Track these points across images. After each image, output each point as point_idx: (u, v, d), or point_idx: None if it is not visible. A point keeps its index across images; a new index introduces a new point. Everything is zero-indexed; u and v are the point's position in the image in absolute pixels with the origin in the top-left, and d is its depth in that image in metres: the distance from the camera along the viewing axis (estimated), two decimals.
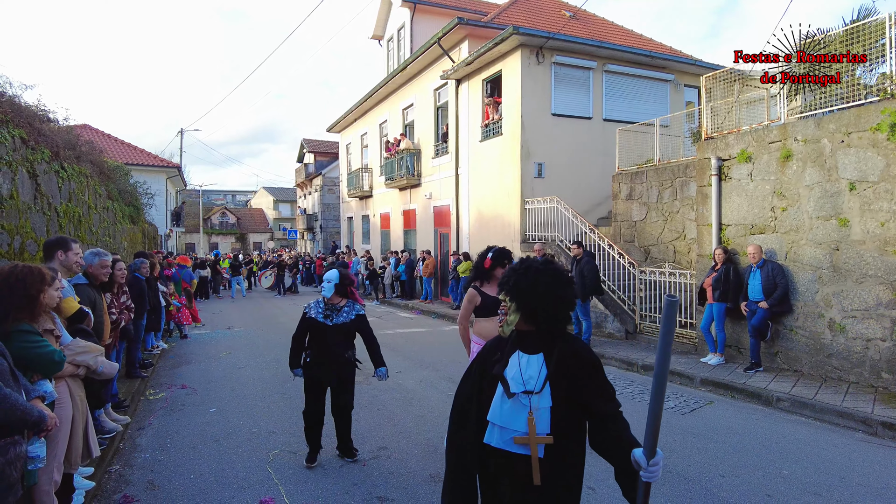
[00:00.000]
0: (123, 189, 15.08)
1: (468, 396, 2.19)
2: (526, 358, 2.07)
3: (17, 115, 6.30)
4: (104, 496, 4.16)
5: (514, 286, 2.09)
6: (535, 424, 1.97)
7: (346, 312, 4.57)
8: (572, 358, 2.05)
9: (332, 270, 4.64)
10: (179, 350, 10.13)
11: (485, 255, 4.67)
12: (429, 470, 4.54)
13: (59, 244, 4.08)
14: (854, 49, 7.09)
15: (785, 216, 7.48)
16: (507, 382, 2.03)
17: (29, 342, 2.61)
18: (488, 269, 4.61)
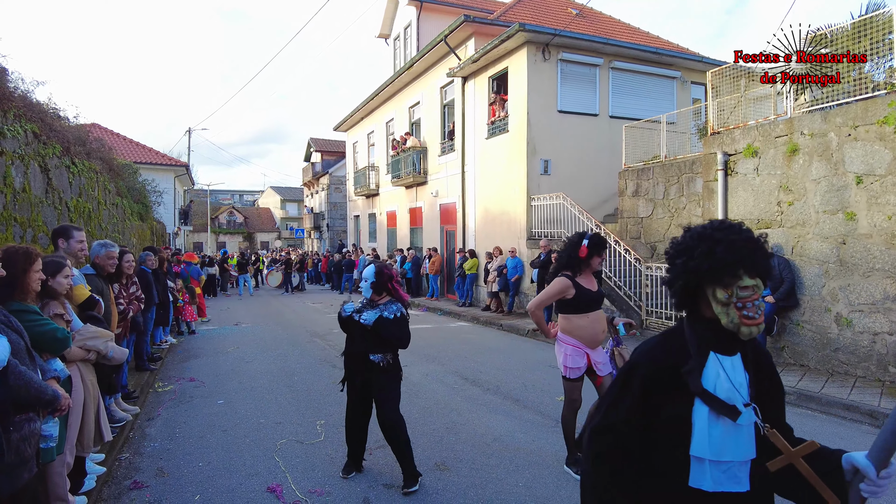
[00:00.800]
0: (132, 186, 15.22)
1: (630, 430, 1.59)
2: (729, 361, 1.56)
3: (30, 110, 6.39)
4: (115, 482, 4.22)
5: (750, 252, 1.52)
6: (782, 440, 1.51)
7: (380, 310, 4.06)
8: (760, 354, 1.64)
9: (369, 266, 4.18)
10: (187, 345, 10.22)
11: (578, 241, 4.14)
12: (434, 459, 4.58)
13: (61, 233, 4.15)
14: (862, 43, 7.09)
15: (791, 210, 7.47)
16: (716, 399, 1.50)
17: (30, 321, 2.66)
18: (585, 257, 4.09)
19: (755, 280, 1.52)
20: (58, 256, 3.53)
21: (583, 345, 4.15)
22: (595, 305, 4.18)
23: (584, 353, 4.15)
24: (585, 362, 4.16)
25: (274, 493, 3.98)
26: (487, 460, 4.55)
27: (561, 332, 4.26)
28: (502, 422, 5.57)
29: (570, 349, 4.15)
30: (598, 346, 4.22)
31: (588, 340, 4.15)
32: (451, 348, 9.57)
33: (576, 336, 4.14)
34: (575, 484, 4.08)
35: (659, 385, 1.56)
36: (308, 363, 8.41)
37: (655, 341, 1.66)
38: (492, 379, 7.35)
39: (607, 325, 4.33)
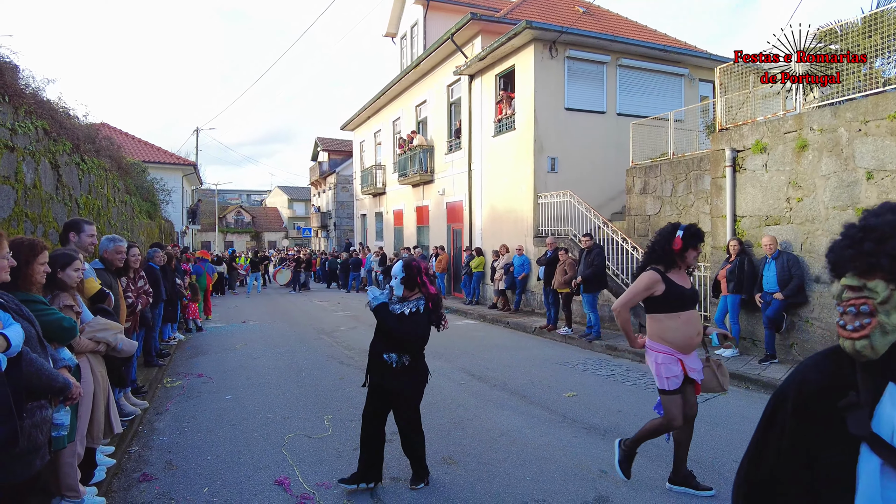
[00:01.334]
0: (141, 185, 15.31)
1: (787, 485, 1.23)
2: None
3: (40, 107, 6.44)
4: (124, 474, 4.26)
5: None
6: None
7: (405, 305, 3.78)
8: None
9: (397, 262, 3.88)
10: (195, 342, 10.27)
11: (672, 232, 3.68)
12: (441, 453, 4.58)
13: (71, 226, 4.18)
14: (873, 39, 7.03)
15: (800, 207, 7.41)
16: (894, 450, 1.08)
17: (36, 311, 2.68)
18: (679, 250, 3.65)
19: (861, 280, 1.18)
20: (69, 249, 3.57)
21: (674, 350, 3.68)
22: (688, 304, 3.72)
23: (678, 360, 3.68)
24: (681, 370, 3.68)
25: (282, 485, 3.99)
26: (495, 455, 4.55)
27: (649, 337, 3.78)
28: (509, 417, 5.57)
29: (662, 356, 3.68)
30: (692, 350, 3.75)
31: (681, 344, 3.67)
32: (458, 345, 9.57)
33: (666, 340, 3.66)
34: (583, 478, 4.08)
35: (812, 419, 1.18)
36: (316, 360, 8.44)
37: (814, 359, 1.26)
38: (498, 375, 7.34)
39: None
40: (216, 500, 3.80)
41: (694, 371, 3.75)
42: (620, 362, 8.23)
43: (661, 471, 4.20)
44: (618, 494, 3.81)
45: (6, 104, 5.17)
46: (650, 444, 4.80)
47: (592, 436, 5.01)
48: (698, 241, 3.67)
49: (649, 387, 6.77)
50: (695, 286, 3.88)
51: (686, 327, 3.67)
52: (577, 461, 4.41)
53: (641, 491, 3.87)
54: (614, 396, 6.34)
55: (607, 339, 9.43)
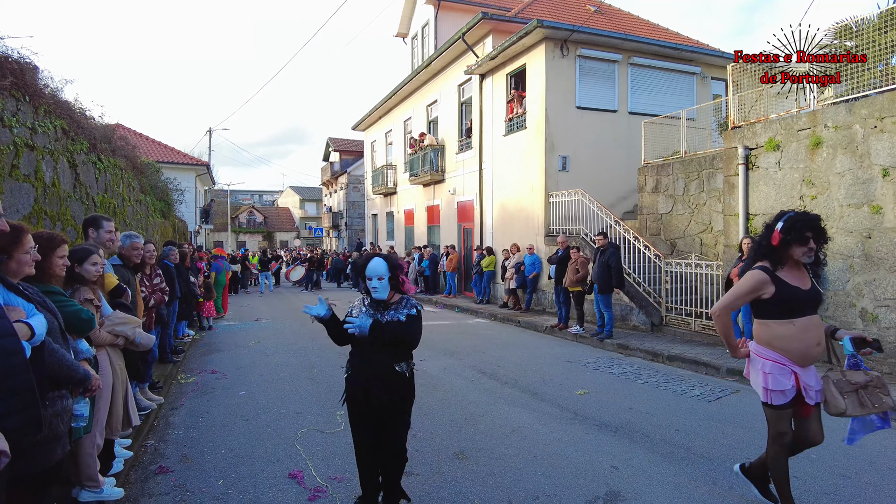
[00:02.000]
0: (155, 185, 15.49)
1: None
2: None
3: (59, 107, 6.55)
4: (141, 467, 4.32)
5: None
6: None
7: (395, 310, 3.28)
8: None
9: (375, 260, 3.25)
10: (209, 339, 10.38)
11: (773, 223, 3.18)
12: (453, 448, 4.61)
13: (91, 222, 4.26)
14: (890, 35, 6.96)
15: (814, 204, 7.36)
16: None
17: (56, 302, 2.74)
18: (778, 246, 3.12)
19: None
20: (87, 244, 3.64)
21: (788, 360, 3.14)
22: (807, 308, 3.15)
23: (791, 372, 3.14)
24: (793, 383, 3.14)
25: (295, 478, 4.04)
26: (506, 450, 4.56)
27: (756, 343, 3.28)
28: (520, 414, 5.58)
29: (770, 364, 3.17)
30: (811, 362, 3.18)
31: (796, 354, 3.12)
32: (469, 344, 9.60)
33: (777, 348, 3.15)
34: (595, 473, 4.09)
35: None
36: (328, 357, 8.50)
37: None
38: (509, 373, 7.36)
39: (825, 337, 3.26)
40: (231, 492, 3.85)
41: (809, 389, 3.15)
42: (632, 361, 8.21)
43: (672, 467, 4.21)
44: (629, 490, 3.82)
45: (27, 104, 5.27)
46: (661, 440, 4.81)
47: (604, 433, 5.02)
48: (803, 234, 3.05)
49: (661, 385, 6.75)
50: (816, 285, 3.25)
51: (804, 335, 3.11)
52: (589, 457, 4.42)
53: (653, 486, 3.87)
54: (626, 394, 6.33)
55: (618, 337, 9.41)
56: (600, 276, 9.32)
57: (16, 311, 2.16)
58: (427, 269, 18.03)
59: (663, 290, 10.28)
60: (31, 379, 1.97)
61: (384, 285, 3.21)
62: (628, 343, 8.94)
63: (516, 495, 3.74)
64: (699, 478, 4.02)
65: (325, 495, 3.77)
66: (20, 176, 5.05)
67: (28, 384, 1.96)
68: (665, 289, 10.25)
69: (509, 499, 3.69)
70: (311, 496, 3.76)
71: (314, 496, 3.76)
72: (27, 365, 1.98)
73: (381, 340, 3.16)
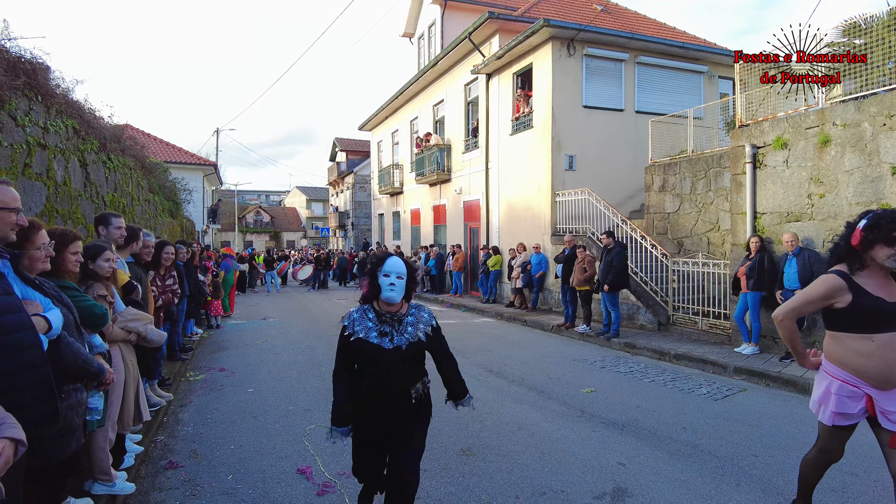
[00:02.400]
0: (163, 184, 15.60)
1: None
2: None
3: (70, 107, 6.63)
4: (151, 462, 4.37)
5: None
6: None
7: (411, 324, 2.86)
8: None
9: (392, 259, 2.85)
10: (217, 338, 10.45)
11: (855, 222, 2.80)
12: (460, 444, 4.63)
13: (100, 220, 4.32)
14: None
15: (822, 203, 7.33)
16: None
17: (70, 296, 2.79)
18: (859, 247, 2.76)
19: None
20: (100, 241, 3.69)
21: (862, 381, 2.78)
22: (891, 322, 2.73)
23: (864, 395, 2.78)
24: (863, 407, 2.79)
25: (304, 474, 4.08)
26: (513, 447, 4.58)
27: (827, 358, 2.94)
28: (527, 411, 5.60)
29: (839, 385, 2.83)
30: (893, 385, 2.75)
31: (874, 376, 2.74)
32: (476, 342, 9.62)
33: (850, 367, 2.78)
34: (602, 470, 4.10)
35: None
36: (335, 355, 8.53)
37: None
38: (516, 371, 7.37)
39: None
40: (240, 486, 3.89)
41: (890, 415, 2.75)
42: (639, 360, 8.21)
43: (679, 464, 4.21)
44: (636, 486, 3.83)
45: (39, 104, 5.34)
46: (668, 437, 4.81)
47: (611, 430, 5.02)
48: (889, 234, 2.65)
49: (668, 384, 6.75)
50: None
51: (883, 353, 2.71)
52: (596, 454, 4.43)
53: (660, 483, 3.88)
54: (632, 392, 6.34)
55: (625, 336, 9.40)
56: (606, 274, 9.31)
57: (33, 304, 2.20)
58: (434, 269, 18.06)
59: (670, 289, 10.26)
60: (48, 371, 2.01)
61: (401, 287, 2.80)
62: (635, 342, 8.93)
63: (524, 491, 3.76)
64: (706, 475, 4.02)
65: (333, 490, 3.80)
66: (32, 175, 5.11)
67: (45, 376, 2.00)
68: (672, 288, 10.23)
69: (517, 494, 3.71)
70: (320, 491, 3.79)
71: (322, 491, 3.79)
72: (45, 357, 2.02)
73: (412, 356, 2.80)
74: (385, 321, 2.81)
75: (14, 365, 1.91)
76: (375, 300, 2.86)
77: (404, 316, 2.86)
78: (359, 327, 2.80)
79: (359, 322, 2.82)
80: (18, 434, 1.75)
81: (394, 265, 2.81)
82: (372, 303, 2.88)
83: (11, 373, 1.91)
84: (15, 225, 2.21)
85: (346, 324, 2.83)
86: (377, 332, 2.77)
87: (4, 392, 1.85)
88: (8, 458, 1.69)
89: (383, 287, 2.77)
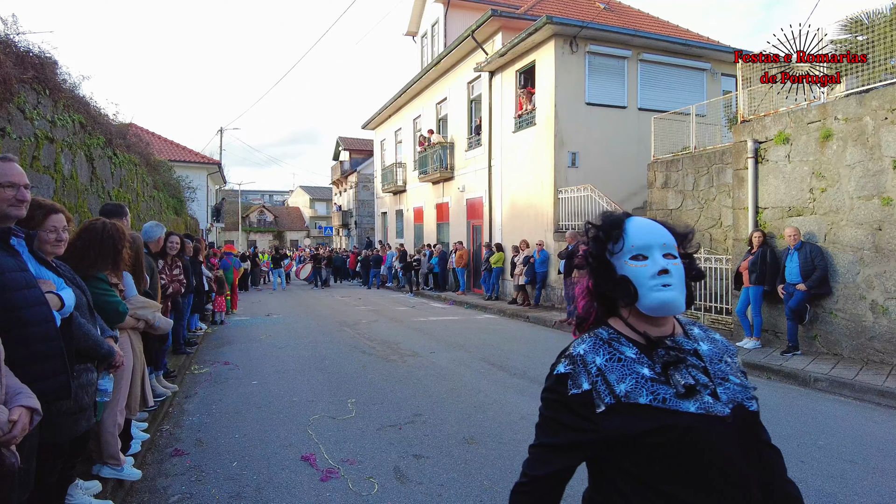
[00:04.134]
0: (167, 182, 15.68)
1: None
2: None
3: (76, 102, 6.70)
4: (157, 450, 4.43)
5: None
6: None
7: (713, 356, 1.31)
8: None
9: (637, 221, 1.35)
10: (221, 333, 10.52)
11: None
12: (463, 433, 4.68)
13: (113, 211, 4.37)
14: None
15: (824, 197, 7.35)
16: None
17: (101, 290, 2.86)
18: None
19: None
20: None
21: None
22: None
23: None
24: None
25: (308, 461, 4.13)
26: (515, 435, 4.63)
27: None
28: (529, 402, 5.63)
29: None
30: None
31: None
32: (478, 338, 9.66)
33: None
34: None
35: None
36: (338, 349, 8.60)
37: None
38: (518, 365, 7.41)
39: None
40: (245, 472, 3.94)
41: None
42: None
43: None
44: None
45: (47, 97, 5.40)
46: None
47: None
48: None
49: None
50: None
51: None
52: None
53: None
54: None
55: None
56: None
57: (46, 283, 2.26)
58: (437, 266, 18.11)
59: None
60: (61, 346, 2.06)
61: (680, 275, 1.30)
62: None
63: None
64: None
65: (337, 476, 3.85)
66: (40, 167, 5.18)
67: (58, 350, 2.05)
68: None
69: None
70: (324, 477, 3.84)
71: (326, 477, 3.84)
72: (58, 332, 2.07)
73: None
74: (672, 359, 1.26)
75: (28, 338, 1.97)
76: (615, 317, 1.37)
77: (689, 342, 1.34)
78: (626, 384, 1.22)
79: (616, 369, 1.25)
80: (34, 403, 1.80)
81: (650, 232, 1.33)
82: (609, 324, 1.37)
83: (26, 345, 1.96)
84: (15, 200, 2.20)
85: (575, 373, 1.27)
86: (672, 388, 1.22)
87: (19, 364, 1.90)
88: (24, 425, 1.74)
89: (643, 283, 1.28)
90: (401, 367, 7.23)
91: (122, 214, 4.28)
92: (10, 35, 4.90)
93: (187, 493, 3.64)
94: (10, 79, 4.48)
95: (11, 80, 4.50)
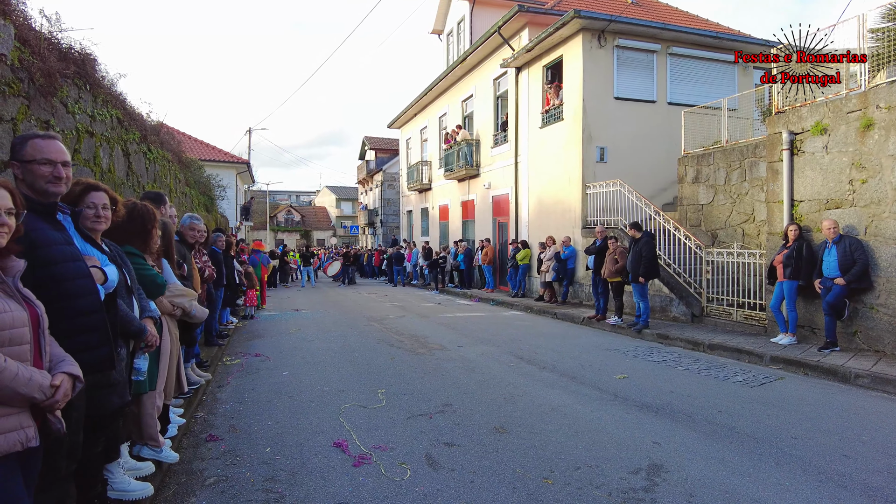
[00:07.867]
0: (198, 179, 15.97)
1: None
2: None
3: (114, 98, 6.87)
4: (192, 435, 4.51)
5: None
6: None
7: None
8: None
9: None
10: (251, 327, 10.68)
11: None
12: (493, 423, 4.66)
13: (154, 198, 4.47)
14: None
15: (865, 189, 7.13)
16: None
17: (137, 264, 2.92)
18: None
19: None
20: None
21: None
22: None
23: None
24: None
25: (340, 447, 4.16)
26: (545, 426, 4.59)
27: None
28: (559, 395, 5.59)
29: None
30: None
31: None
32: (506, 333, 9.62)
33: None
34: (637, 448, 4.08)
35: None
36: (367, 343, 8.65)
37: None
38: (547, 359, 7.36)
39: None
40: (279, 457, 3.99)
41: None
42: (672, 349, 8.11)
43: (715, 444, 4.16)
44: (672, 463, 3.80)
45: (87, 92, 5.55)
46: (704, 420, 4.77)
47: (645, 413, 4.98)
48: None
49: (702, 371, 6.65)
50: None
51: None
52: (630, 434, 4.41)
53: (696, 461, 3.84)
54: (666, 379, 6.27)
55: (657, 328, 9.29)
56: (636, 265, 9.21)
57: (91, 259, 2.31)
58: (462, 263, 18.09)
59: (704, 281, 10.09)
60: (104, 318, 2.11)
61: None
62: (668, 332, 8.81)
63: (557, 465, 3.77)
64: (744, 454, 3.97)
65: (370, 462, 3.87)
66: (81, 160, 5.31)
67: (102, 323, 2.10)
68: (706, 279, 10.06)
69: (550, 468, 3.72)
70: (357, 462, 3.86)
71: (359, 462, 3.86)
72: (102, 305, 2.12)
73: None
74: None
75: (74, 310, 2.02)
76: None
77: None
78: None
79: None
80: (76, 370, 1.85)
81: None
82: None
83: (71, 317, 2.01)
84: (52, 178, 2.21)
85: None
86: None
87: (65, 335, 1.95)
88: (66, 390, 1.79)
89: None
90: (429, 360, 7.24)
91: (162, 202, 4.37)
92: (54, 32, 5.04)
93: (223, 475, 3.69)
94: (54, 73, 4.60)
95: (55, 74, 4.63)
